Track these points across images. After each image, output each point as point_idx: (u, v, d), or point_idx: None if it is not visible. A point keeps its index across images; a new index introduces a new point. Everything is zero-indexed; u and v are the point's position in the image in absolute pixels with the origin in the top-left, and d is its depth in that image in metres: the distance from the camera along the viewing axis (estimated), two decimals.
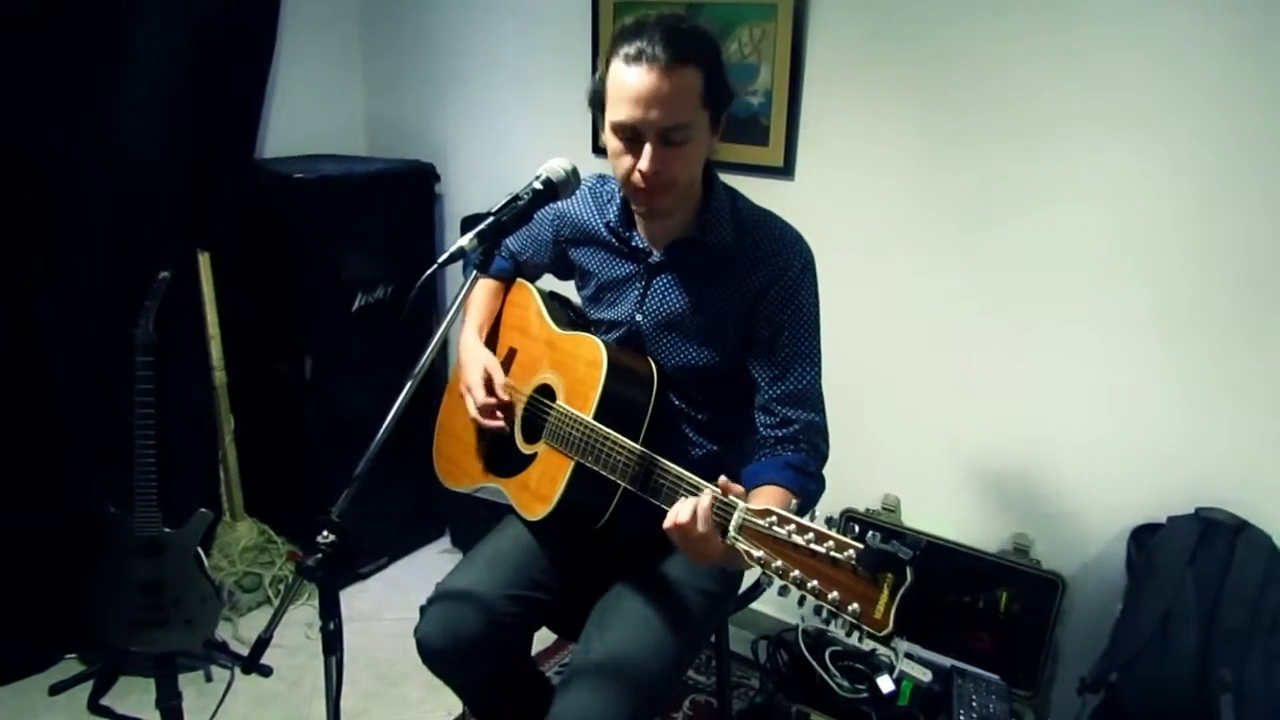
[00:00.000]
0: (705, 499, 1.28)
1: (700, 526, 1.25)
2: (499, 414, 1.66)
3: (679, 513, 1.28)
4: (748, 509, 1.21)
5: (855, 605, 1.05)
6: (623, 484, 1.45)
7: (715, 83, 1.42)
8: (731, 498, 1.24)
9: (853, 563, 1.05)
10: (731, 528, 1.22)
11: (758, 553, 1.16)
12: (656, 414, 1.54)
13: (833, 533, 1.09)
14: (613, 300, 1.67)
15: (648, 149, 1.40)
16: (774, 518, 1.16)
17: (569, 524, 1.58)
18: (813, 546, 1.10)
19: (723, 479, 1.28)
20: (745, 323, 1.54)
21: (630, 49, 1.38)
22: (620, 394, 1.53)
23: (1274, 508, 1.94)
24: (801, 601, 1.12)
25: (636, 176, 1.43)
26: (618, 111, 1.41)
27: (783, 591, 1.13)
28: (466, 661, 1.62)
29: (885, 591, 1.04)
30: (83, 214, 2.43)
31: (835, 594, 1.07)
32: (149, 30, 2.44)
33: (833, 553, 1.08)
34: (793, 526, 1.13)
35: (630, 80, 1.38)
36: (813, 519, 1.15)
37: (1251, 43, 1.82)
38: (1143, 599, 1.92)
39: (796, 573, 1.11)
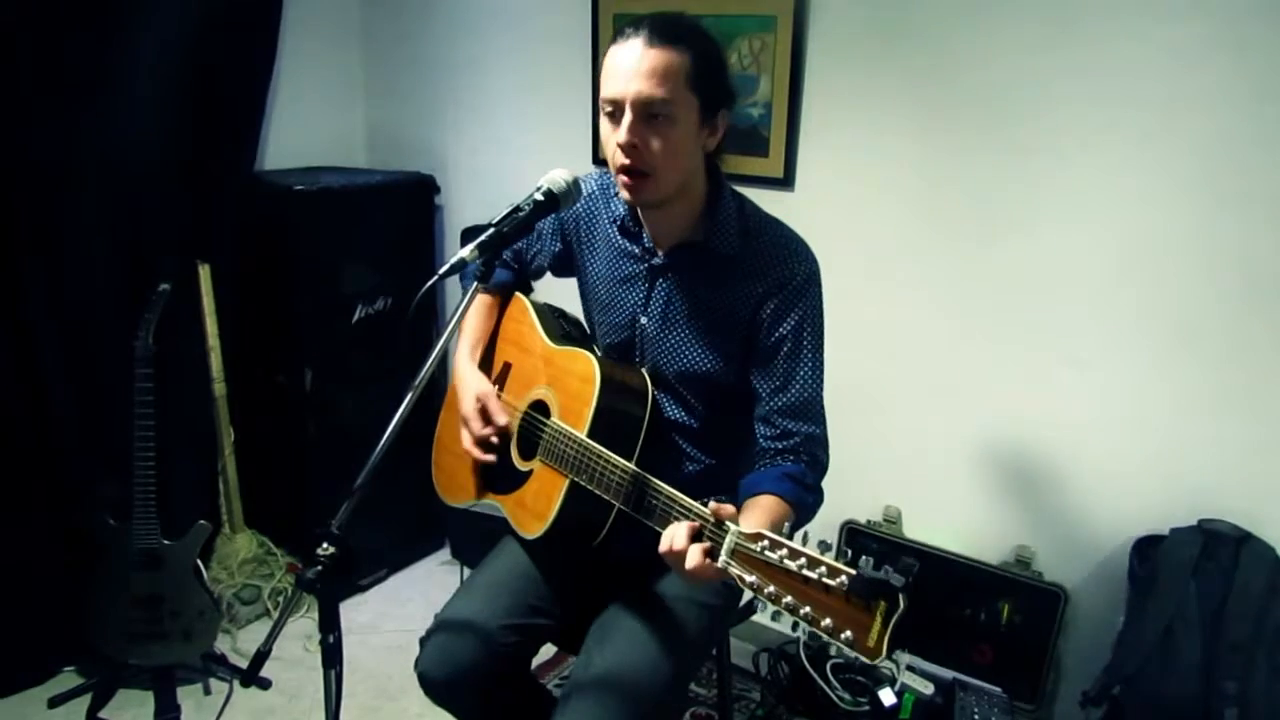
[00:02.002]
0: (697, 525, 1.26)
1: (694, 553, 1.24)
2: (494, 441, 1.65)
3: (673, 538, 1.27)
4: (740, 532, 1.19)
5: (848, 633, 1.04)
6: (617, 504, 1.44)
7: (706, 70, 1.42)
8: (725, 521, 1.23)
9: (844, 589, 1.04)
10: (724, 552, 1.20)
11: (750, 578, 1.15)
12: (652, 427, 1.53)
13: (825, 558, 1.08)
14: (616, 302, 1.66)
15: (625, 119, 1.40)
16: (765, 542, 1.14)
17: (566, 541, 1.57)
18: (805, 572, 1.08)
19: (713, 504, 1.26)
20: (747, 331, 1.53)
21: (621, 34, 1.43)
22: (614, 409, 1.52)
23: (1277, 519, 1.93)
24: (795, 625, 1.11)
25: (616, 151, 1.43)
26: (604, 89, 1.43)
27: (775, 615, 1.12)
28: (467, 692, 1.61)
29: (878, 619, 1.02)
30: (82, 222, 2.43)
31: (828, 621, 1.06)
32: (147, 37, 2.45)
33: (825, 579, 1.06)
34: (784, 551, 1.11)
35: (616, 56, 1.41)
36: (805, 540, 1.13)
37: (1251, 58, 1.82)
38: (1145, 611, 1.91)
39: (789, 599, 1.10)
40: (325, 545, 1.21)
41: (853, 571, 1.04)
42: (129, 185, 2.51)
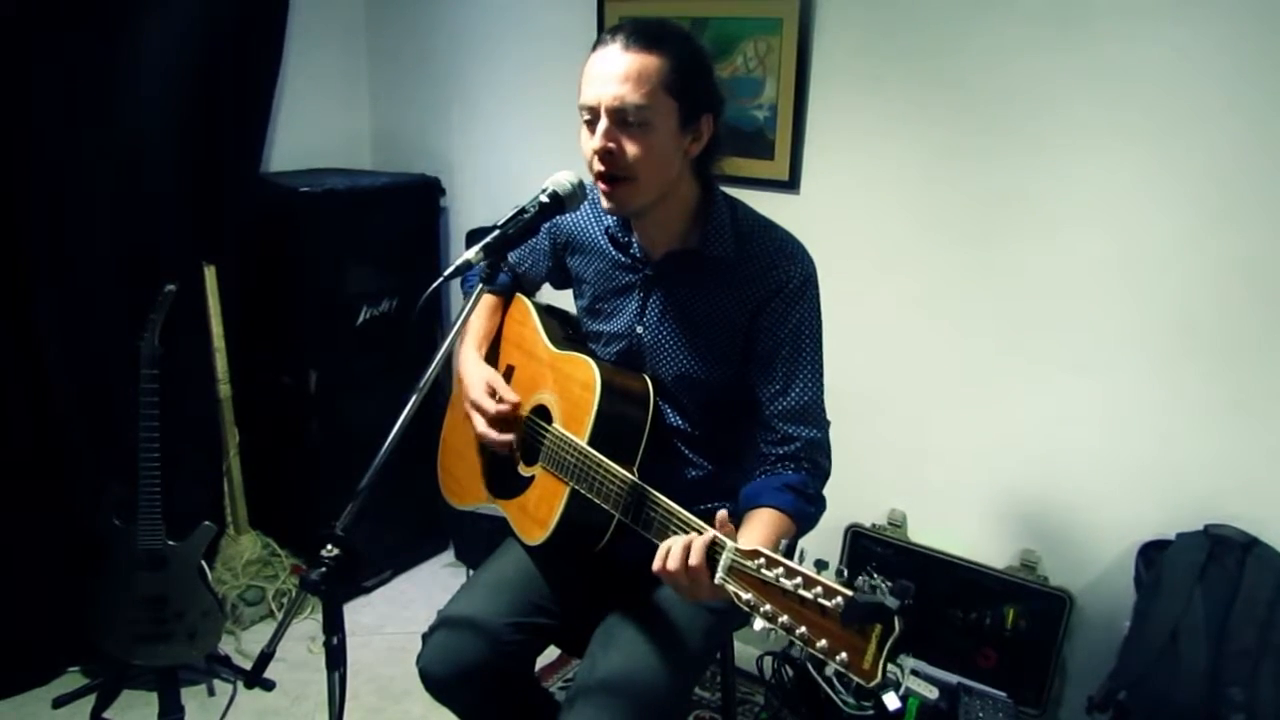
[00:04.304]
0: (695, 542, 1.24)
1: (689, 569, 1.23)
2: (508, 429, 1.63)
3: (668, 556, 1.26)
4: (736, 549, 1.18)
5: (844, 654, 1.03)
6: (616, 514, 1.43)
7: (685, 75, 1.40)
8: (721, 536, 1.21)
9: (840, 611, 1.03)
10: (720, 569, 1.19)
11: (746, 595, 1.14)
12: (653, 433, 1.52)
13: (821, 578, 1.07)
14: (611, 311, 1.65)
15: (600, 125, 1.39)
16: (762, 560, 1.13)
17: (568, 548, 1.56)
18: (801, 592, 1.07)
19: (721, 513, 1.25)
20: (745, 336, 1.52)
21: (600, 40, 1.42)
22: (615, 416, 1.51)
23: None
24: (791, 645, 1.10)
25: (593, 158, 1.41)
26: (581, 96, 1.42)
27: (770, 632, 1.11)
28: (469, 690, 1.61)
29: (873, 643, 1.01)
30: (88, 222, 2.43)
31: (824, 642, 1.05)
32: (155, 38, 2.46)
33: (820, 599, 1.05)
34: (780, 570, 1.10)
35: (592, 62, 1.40)
36: (802, 558, 1.13)
37: (1258, 62, 1.82)
38: (1151, 616, 1.90)
39: (785, 618, 1.09)
40: (329, 547, 1.21)
41: (849, 593, 1.03)
42: (135, 186, 2.52)
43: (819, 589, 1.06)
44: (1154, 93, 1.92)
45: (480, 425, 1.63)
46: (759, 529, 1.36)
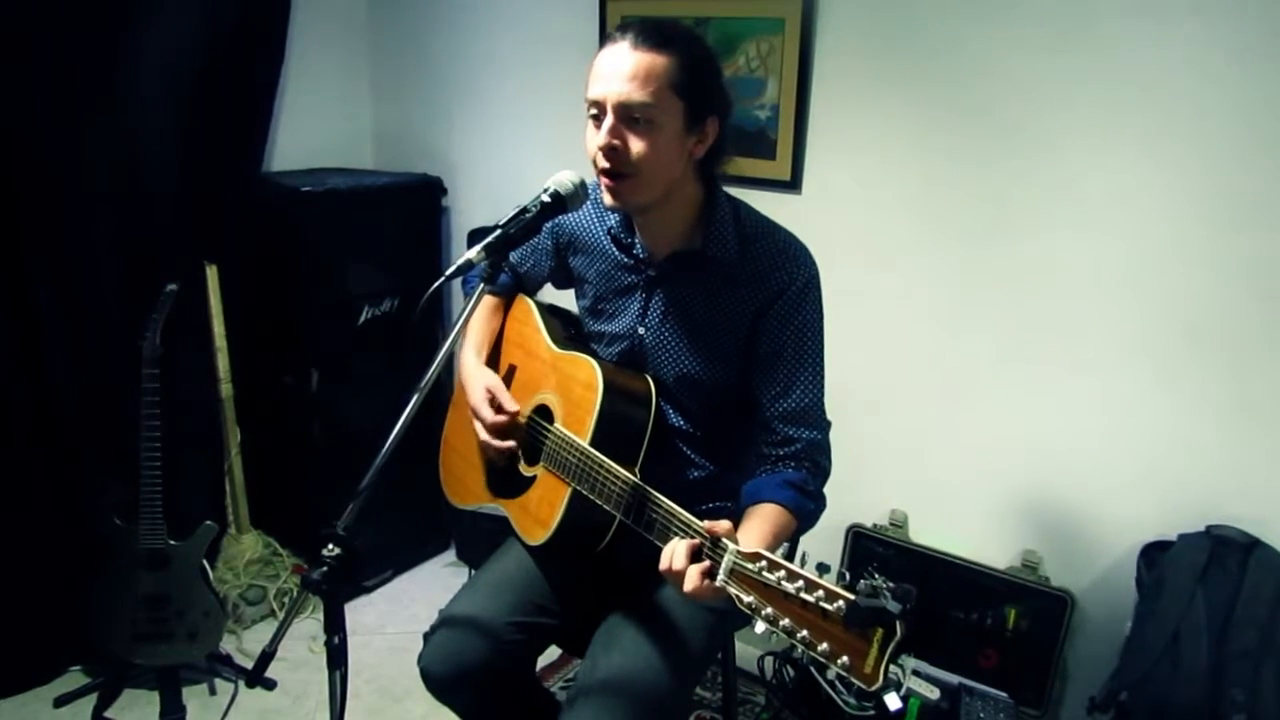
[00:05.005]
0: (697, 544, 1.25)
1: (691, 575, 1.23)
2: (509, 435, 1.63)
3: (672, 557, 1.26)
4: (738, 552, 1.18)
5: (845, 658, 1.03)
6: (618, 515, 1.43)
7: (692, 75, 1.40)
8: (723, 540, 1.22)
9: (842, 615, 1.03)
10: (721, 571, 1.19)
11: (748, 598, 1.14)
12: (655, 434, 1.52)
13: (823, 581, 1.07)
14: (613, 312, 1.65)
15: (606, 122, 1.40)
16: (764, 562, 1.13)
17: (570, 548, 1.56)
18: (803, 596, 1.07)
19: (707, 523, 1.25)
20: (747, 338, 1.53)
21: (610, 37, 1.43)
22: (617, 417, 1.51)
23: None
24: (793, 645, 1.10)
25: (597, 154, 1.42)
26: (588, 91, 1.42)
27: (771, 634, 1.11)
28: (471, 689, 1.61)
29: (875, 646, 1.01)
30: (90, 221, 2.44)
31: (825, 645, 1.05)
32: (156, 37, 2.46)
33: (822, 603, 1.05)
34: (782, 573, 1.11)
35: (601, 59, 1.41)
36: (804, 562, 1.13)
37: (1262, 63, 1.82)
38: (1152, 617, 1.90)
39: (786, 621, 1.09)
40: (331, 546, 1.21)
41: (850, 597, 1.03)
42: (137, 185, 2.52)
43: (820, 593, 1.06)
44: (1157, 94, 1.92)
45: (481, 434, 1.65)
46: (760, 525, 1.36)
